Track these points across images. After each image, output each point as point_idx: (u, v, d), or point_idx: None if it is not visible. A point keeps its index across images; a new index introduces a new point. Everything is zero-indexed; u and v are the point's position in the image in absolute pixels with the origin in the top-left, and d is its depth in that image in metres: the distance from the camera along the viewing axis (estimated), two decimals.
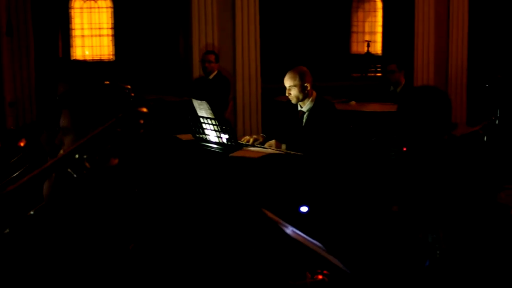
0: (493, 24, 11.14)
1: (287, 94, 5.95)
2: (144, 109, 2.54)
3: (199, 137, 6.10)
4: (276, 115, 6.44)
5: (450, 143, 3.39)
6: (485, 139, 6.83)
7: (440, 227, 3.20)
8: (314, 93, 5.98)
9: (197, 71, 9.08)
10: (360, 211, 4.86)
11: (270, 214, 3.48)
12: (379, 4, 12.50)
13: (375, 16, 12.66)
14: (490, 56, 10.74)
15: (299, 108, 5.99)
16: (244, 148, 5.84)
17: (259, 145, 5.95)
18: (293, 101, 5.94)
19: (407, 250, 3.29)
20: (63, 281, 2.65)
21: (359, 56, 12.44)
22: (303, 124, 5.95)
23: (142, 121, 2.53)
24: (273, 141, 5.87)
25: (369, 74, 12.22)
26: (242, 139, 6.09)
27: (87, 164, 2.47)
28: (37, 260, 2.67)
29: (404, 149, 3.75)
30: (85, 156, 2.47)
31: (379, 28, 12.52)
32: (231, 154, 5.62)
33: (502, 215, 3.70)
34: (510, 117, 7.89)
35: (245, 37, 9.23)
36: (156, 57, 10.51)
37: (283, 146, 5.82)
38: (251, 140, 6.01)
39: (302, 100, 5.93)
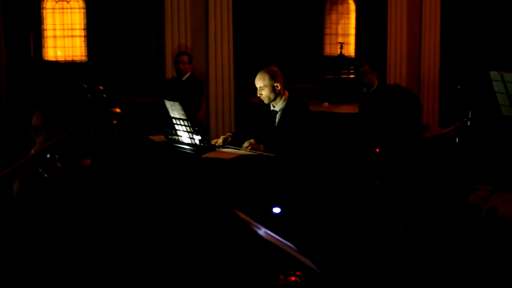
0: (465, 26, 11.21)
1: (258, 95, 5.95)
2: (117, 110, 2.53)
3: (171, 138, 6.07)
4: (249, 116, 6.42)
5: (422, 143, 3.41)
6: (457, 140, 6.89)
7: (414, 215, 3.21)
8: (287, 93, 5.97)
9: (170, 72, 9.04)
10: (332, 212, 4.86)
11: (242, 216, 3.47)
12: (352, 6, 12.53)
13: (348, 18, 12.69)
14: (462, 58, 10.81)
15: (272, 108, 5.98)
16: (217, 149, 5.82)
17: (232, 146, 5.93)
18: (265, 101, 5.94)
19: (380, 243, 3.30)
20: (32, 281, 2.62)
21: (332, 58, 12.46)
22: (276, 123, 5.94)
23: (115, 122, 2.51)
24: (252, 140, 5.83)
25: (342, 76, 12.24)
26: (212, 142, 6.05)
27: (58, 164, 2.45)
28: (6, 260, 2.64)
29: (377, 150, 3.76)
30: (56, 156, 2.44)
31: (352, 30, 12.55)
32: (203, 155, 5.59)
33: (473, 215, 3.73)
34: (482, 118, 7.96)
35: (218, 38, 9.21)
36: (129, 58, 10.45)
37: (262, 147, 5.80)
38: (220, 141, 5.98)
39: (274, 100, 5.92)
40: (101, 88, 2.69)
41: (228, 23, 9.25)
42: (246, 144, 5.79)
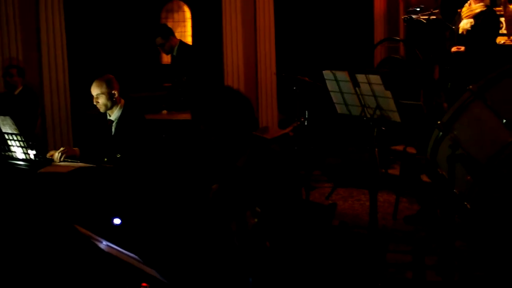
0: (299, 29, 11.49)
1: (94, 103, 5.87)
2: None
3: (4, 154, 5.83)
4: (87, 127, 6.33)
5: (256, 144, 3.42)
6: (295, 140, 7.01)
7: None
8: (122, 101, 5.93)
9: (2, 87, 8.70)
10: (173, 219, 4.81)
11: (82, 230, 3.38)
12: (188, 14, 12.57)
13: (184, 26, 12.71)
14: (297, 60, 11.06)
15: (108, 117, 5.91)
16: (54, 163, 5.65)
17: (69, 160, 5.78)
18: (101, 109, 5.88)
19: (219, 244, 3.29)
20: None
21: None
22: (113, 133, 5.88)
23: None
24: (62, 148, 5.80)
25: None
26: (48, 155, 5.87)
27: None
28: None
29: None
30: None
31: (189, 38, 12.58)
32: (39, 170, 5.42)
33: (313, 213, 3.79)
34: (318, 118, 8.16)
35: (51, 50, 8.95)
36: None
37: (77, 150, 5.83)
38: (56, 154, 5.80)
39: (111, 108, 5.87)
40: None
41: (61, 34, 9.01)
42: (57, 154, 5.71)
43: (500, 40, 9.07)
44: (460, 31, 8.34)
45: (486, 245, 5.74)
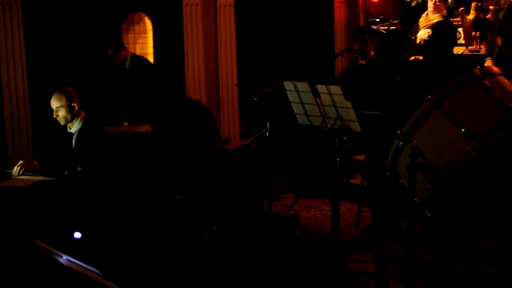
0: (260, 38, 11.48)
1: (54, 116, 5.84)
2: None
3: None
4: (47, 140, 6.28)
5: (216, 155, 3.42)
6: (257, 151, 7.00)
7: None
8: (83, 113, 5.90)
9: None
10: (134, 232, 4.78)
11: (42, 244, 3.34)
12: (149, 26, 12.51)
13: (146, 37, 12.64)
14: (259, 71, 11.06)
15: (68, 130, 5.88)
16: (13, 177, 5.59)
17: (29, 173, 5.72)
18: (62, 122, 5.85)
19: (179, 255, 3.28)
20: None
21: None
22: (73, 146, 5.84)
23: None
24: (21, 161, 5.76)
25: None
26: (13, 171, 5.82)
27: None
28: None
29: None
30: None
31: (150, 50, 12.52)
32: None
33: (276, 223, 3.78)
34: (279, 129, 8.17)
35: (10, 61, 8.84)
36: None
37: (36, 163, 5.76)
38: (15, 168, 5.74)
39: (71, 121, 5.84)
40: None
41: (21, 45, 8.94)
42: (15, 168, 5.66)
43: (458, 50, 9.19)
44: (418, 41, 8.45)
45: (448, 252, 5.80)
